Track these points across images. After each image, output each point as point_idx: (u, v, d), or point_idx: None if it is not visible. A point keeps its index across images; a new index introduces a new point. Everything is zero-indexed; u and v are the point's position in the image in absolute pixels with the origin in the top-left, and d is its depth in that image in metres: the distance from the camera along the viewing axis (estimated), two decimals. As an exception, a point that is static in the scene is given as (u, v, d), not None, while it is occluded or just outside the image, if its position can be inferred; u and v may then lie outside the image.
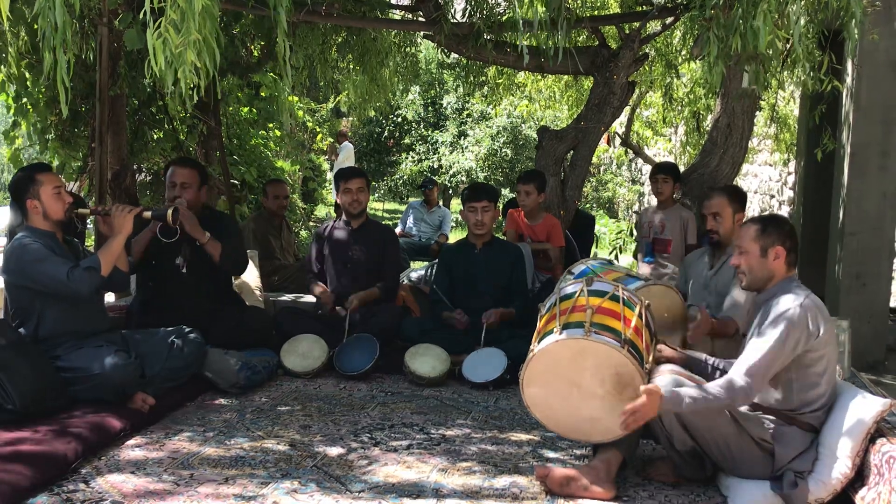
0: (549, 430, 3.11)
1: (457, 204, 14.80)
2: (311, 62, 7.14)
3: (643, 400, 2.74)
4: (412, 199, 11.10)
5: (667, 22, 6.08)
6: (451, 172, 14.50)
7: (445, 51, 6.50)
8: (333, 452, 3.32)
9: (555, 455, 3.37)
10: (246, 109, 9.14)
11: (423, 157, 15.64)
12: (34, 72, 6.01)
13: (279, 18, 3.11)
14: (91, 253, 3.97)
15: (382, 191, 16.13)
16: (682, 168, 6.98)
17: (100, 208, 3.99)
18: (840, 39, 4.62)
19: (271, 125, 10.00)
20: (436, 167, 15.08)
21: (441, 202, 11.25)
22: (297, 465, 3.17)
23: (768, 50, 3.60)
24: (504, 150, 14.15)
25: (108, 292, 4.51)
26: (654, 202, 5.84)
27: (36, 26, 2.79)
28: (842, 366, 3.90)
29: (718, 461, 2.97)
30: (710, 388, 2.82)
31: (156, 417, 3.66)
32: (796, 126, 8.17)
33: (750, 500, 2.82)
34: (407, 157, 15.86)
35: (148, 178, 7.78)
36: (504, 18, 5.71)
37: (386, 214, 15.55)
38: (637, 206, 13.91)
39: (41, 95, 6.31)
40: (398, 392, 4.25)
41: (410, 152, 15.99)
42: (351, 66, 7.59)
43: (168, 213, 3.91)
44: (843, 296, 5.61)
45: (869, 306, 5.61)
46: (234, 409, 3.90)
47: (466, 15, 5.81)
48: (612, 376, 2.89)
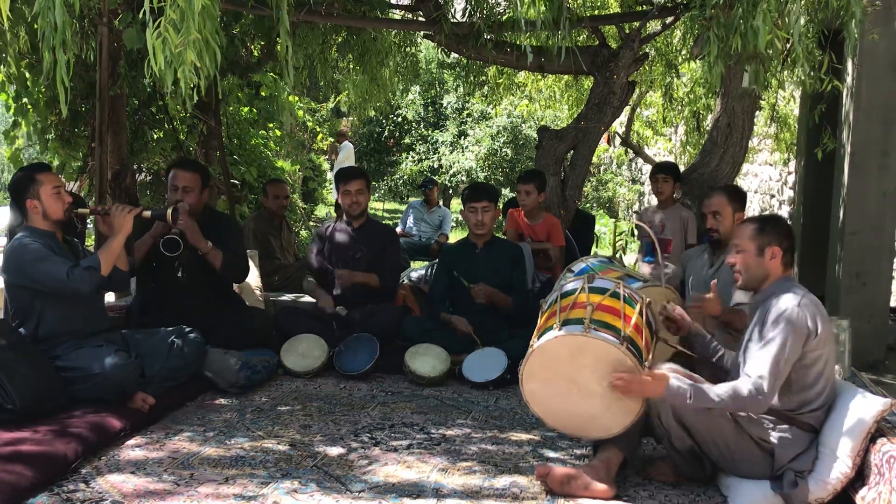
0: (548, 426, 3.11)
1: (457, 204, 14.80)
2: (311, 62, 7.14)
3: (646, 377, 2.75)
4: (412, 199, 11.10)
5: (667, 21, 6.08)
6: (452, 172, 14.50)
7: (445, 50, 6.50)
8: (333, 452, 3.32)
9: (555, 454, 3.38)
10: (246, 109, 9.14)
11: (424, 157, 15.64)
12: (34, 72, 6.01)
13: (281, 18, 3.10)
14: (91, 253, 3.98)
15: (382, 191, 16.12)
16: (682, 168, 6.98)
17: (99, 208, 3.99)
18: (840, 39, 4.62)
19: (271, 125, 10.00)
20: (436, 167, 15.08)
21: (441, 202, 11.24)
22: (298, 464, 3.17)
23: (768, 49, 3.60)
24: (504, 150, 14.14)
25: (108, 292, 4.51)
26: (655, 202, 5.84)
27: (36, 26, 2.78)
28: (842, 365, 3.89)
29: (717, 460, 2.96)
30: (716, 391, 2.80)
31: (156, 417, 3.66)
32: (796, 126, 8.17)
33: (750, 500, 2.82)
34: (407, 157, 15.85)
35: (148, 178, 7.78)
36: (504, 18, 5.70)
37: (386, 214, 15.54)
38: (637, 206, 13.90)
39: (41, 95, 6.30)
40: (398, 392, 4.25)
41: (410, 152, 15.98)
42: (351, 65, 7.58)
43: (168, 213, 3.91)
44: (844, 295, 5.60)
45: (869, 306, 5.60)
46: (234, 408, 3.90)
47: (466, 15, 5.81)
48: (611, 373, 2.89)
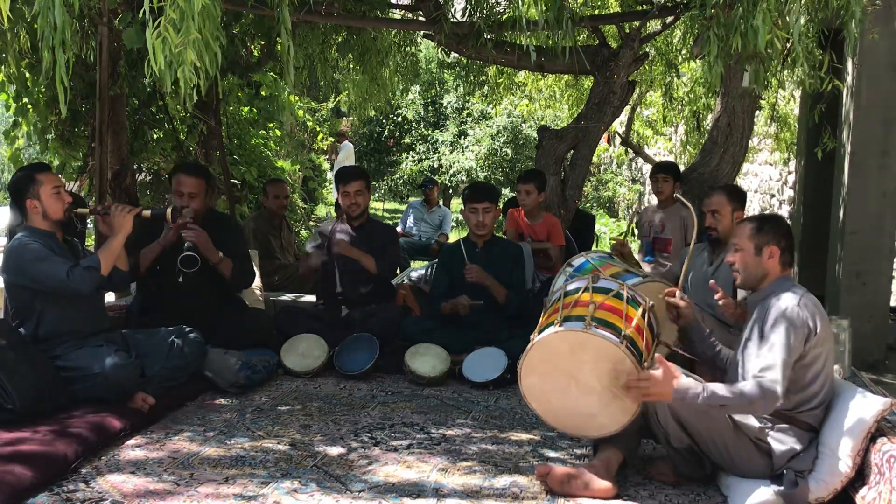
0: (546, 423, 3.10)
1: (457, 203, 14.80)
2: (311, 62, 7.14)
3: (656, 374, 2.74)
4: (412, 199, 11.09)
5: (667, 21, 6.08)
6: (452, 172, 14.50)
7: (445, 50, 6.50)
8: (334, 452, 3.32)
9: (555, 454, 3.37)
10: (246, 109, 9.14)
11: (424, 157, 15.63)
12: (34, 72, 6.01)
13: (283, 17, 3.10)
14: (91, 252, 3.98)
15: (383, 190, 16.12)
16: (682, 167, 6.98)
17: (99, 208, 3.99)
18: (840, 38, 4.62)
19: (271, 125, 10.00)
20: (436, 167, 15.07)
21: (441, 202, 11.24)
22: (298, 464, 3.17)
23: (768, 49, 3.60)
24: (504, 150, 14.14)
25: (108, 292, 4.51)
26: (655, 201, 5.84)
27: (36, 26, 2.78)
28: (842, 365, 3.89)
29: (716, 459, 2.96)
30: (723, 391, 2.77)
31: (156, 417, 3.66)
32: (796, 125, 8.17)
33: (750, 500, 2.81)
34: (407, 157, 15.85)
35: (148, 178, 7.77)
36: (504, 18, 5.70)
37: (386, 214, 15.54)
38: (637, 206, 13.90)
39: (41, 95, 6.30)
40: (398, 392, 4.25)
41: (410, 152, 15.98)
42: (351, 65, 7.58)
43: (168, 213, 3.91)
44: (844, 295, 5.60)
45: (869, 305, 5.60)
46: (234, 408, 3.90)
47: (466, 14, 5.80)
48: (609, 371, 2.88)
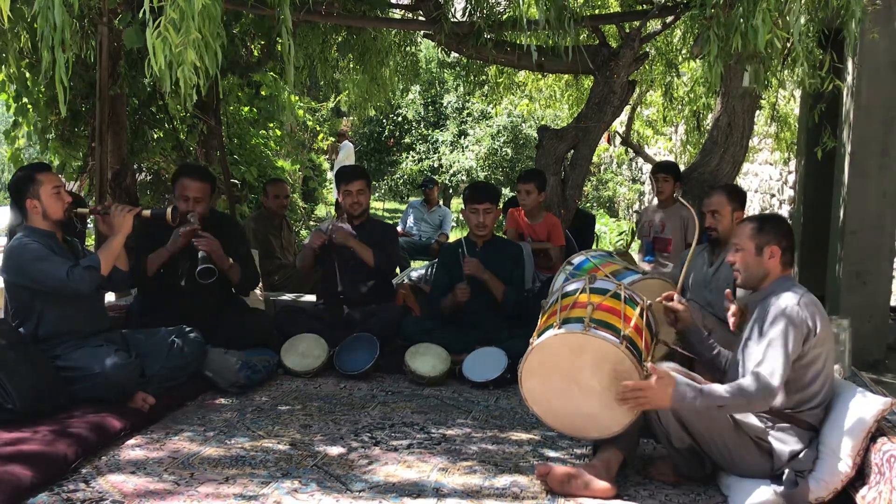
0: (547, 425, 3.11)
1: (457, 203, 14.79)
2: (312, 61, 7.14)
3: (650, 382, 2.74)
4: (412, 199, 11.09)
5: (667, 21, 6.08)
6: (452, 172, 14.50)
7: (446, 50, 6.50)
8: (334, 452, 3.32)
9: (555, 454, 3.37)
10: (246, 109, 9.14)
11: (424, 157, 15.64)
12: (34, 71, 6.01)
13: (284, 17, 3.09)
14: (91, 252, 3.98)
15: (383, 190, 16.12)
16: (682, 167, 6.98)
17: (99, 208, 3.99)
18: (840, 38, 4.62)
19: (272, 124, 10.00)
20: (436, 166, 15.07)
21: (441, 201, 11.23)
22: (298, 464, 3.17)
23: (768, 49, 3.60)
24: (504, 150, 14.14)
25: (108, 292, 4.51)
26: (655, 201, 5.84)
27: (36, 25, 2.78)
28: (842, 365, 3.89)
29: (717, 459, 2.96)
30: (721, 390, 2.78)
31: (156, 417, 3.66)
32: (797, 125, 8.17)
33: (750, 499, 2.81)
34: (407, 157, 15.85)
35: (148, 178, 7.77)
36: (504, 17, 5.70)
37: (386, 214, 15.54)
38: (637, 206, 13.90)
39: (41, 95, 6.30)
40: (398, 391, 4.25)
41: (411, 151, 15.98)
42: (351, 65, 7.58)
43: (168, 212, 3.91)
44: (844, 294, 5.60)
45: (869, 305, 5.60)
46: (234, 408, 3.90)
47: (466, 14, 5.80)
48: (610, 372, 2.88)
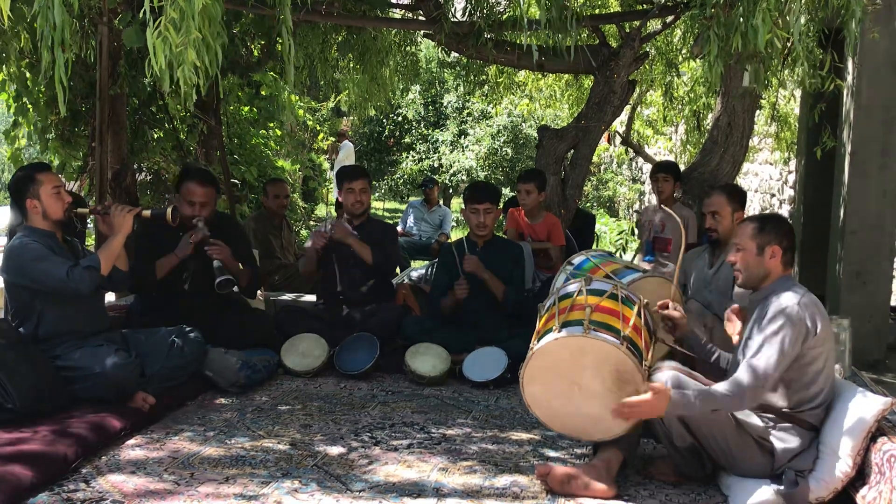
0: (550, 429, 3.11)
1: (457, 203, 14.79)
2: (312, 61, 7.14)
3: (647, 397, 2.74)
4: (412, 199, 11.09)
5: (667, 21, 6.08)
6: (452, 171, 14.50)
7: (446, 50, 6.50)
8: (334, 452, 3.32)
9: (555, 454, 3.37)
10: (246, 109, 9.15)
11: (424, 157, 15.64)
12: (34, 71, 6.01)
13: (284, 17, 3.09)
14: (91, 252, 3.98)
15: (383, 190, 16.12)
16: (682, 167, 6.98)
17: (99, 208, 3.99)
18: (841, 38, 4.62)
19: (272, 124, 10.01)
20: (436, 166, 15.07)
21: (441, 201, 11.23)
22: (298, 464, 3.17)
23: (768, 49, 3.60)
24: (504, 149, 14.14)
25: (108, 292, 4.51)
26: (655, 201, 5.84)
27: (36, 25, 2.78)
28: (842, 364, 3.89)
29: (718, 459, 2.96)
30: (716, 389, 2.80)
31: (156, 417, 3.66)
32: (797, 125, 8.17)
33: (751, 499, 2.81)
34: (407, 157, 15.85)
35: (148, 178, 7.78)
36: (504, 17, 5.70)
37: (386, 213, 15.54)
38: (637, 206, 13.90)
39: (41, 95, 6.31)
40: (399, 391, 4.25)
41: (411, 151, 15.98)
42: (351, 65, 7.59)
43: (168, 212, 3.90)
44: (844, 294, 5.60)
45: (869, 305, 5.60)
46: (234, 408, 3.90)
47: (466, 14, 5.80)
48: (612, 374, 2.89)
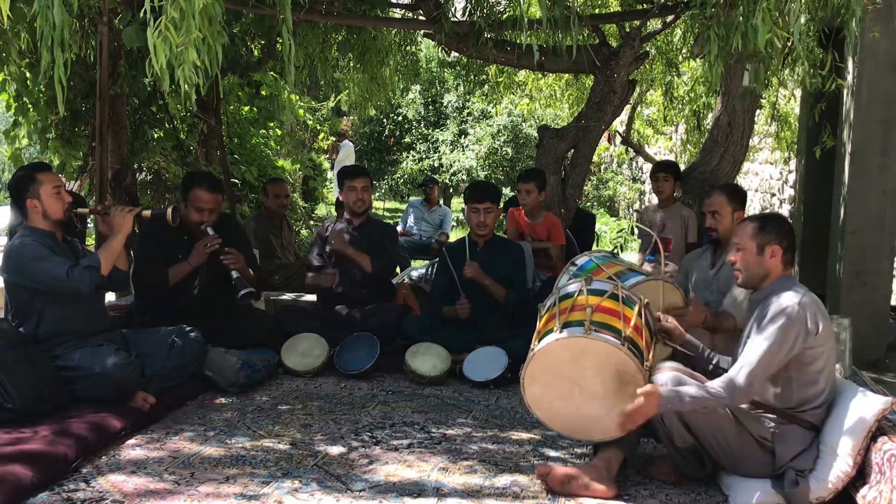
0: (551, 430, 3.11)
1: (458, 203, 14.79)
2: (312, 61, 7.14)
3: (640, 401, 2.75)
4: (413, 198, 11.09)
5: (667, 20, 6.08)
6: (452, 171, 14.50)
7: (446, 49, 6.50)
8: (334, 451, 3.32)
9: (556, 454, 3.37)
10: (246, 108, 9.15)
11: (424, 156, 15.64)
12: (34, 71, 6.01)
13: (284, 17, 3.09)
14: (91, 252, 3.98)
15: (383, 190, 16.12)
16: (682, 166, 6.98)
17: (99, 208, 3.98)
18: (841, 37, 4.62)
19: (272, 124, 10.01)
20: (436, 166, 15.07)
21: (442, 201, 11.24)
22: (298, 464, 3.17)
23: (768, 48, 3.60)
24: (505, 149, 14.14)
25: (108, 292, 4.51)
26: (655, 201, 5.84)
27: (36, 25, 2.78)
28: (843, 364, 3.89)
29: (719, 459, 2.96)
30: (710, 386, 2.82)
31: (156, 416, 3.66)
32: (797, 124, 8.17)
33: (751, 499, 2.82)
34: (407, 156, 15.85)
35: (148, 178, 7.78)
36: (504, 17, 5.70)
37: (387, 213, 15.55)
38: (638, 205, 13.90)
39: (41, 95, 6.31)
40: (399, 391, 4.25)
41: (411, 151, 15.98)
42: (351, 64, 7.59)
43: (168, 213, 3.90)
44: (844, 294, 5.60)
45: (870, 304, 5.60)
46: (234, 408, 3.90)
47: (467, 13, 5.81)
48: (613, 375, 2.89)
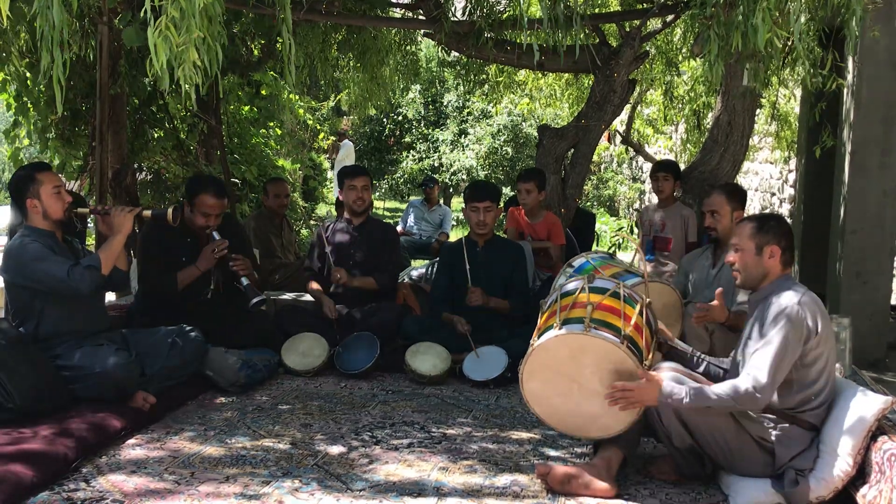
0: (548, 426, 3.11)
1: (458, 202, 14.79)
2: (312, 60, 7.15)
3: (641, 383, 2.74)
4: (413, 198, 11.09)
5: (667, 20, 6.08)
6: (452, 171, 14.50)
7: (446, 49, 6.51)
8: (334, 451, 3.32)
9: (556, 453, 3.37)
10: (246, 108, 9.15)
11: (424, 156, 15.64)
12: (34, 71, 6.02)
13: (284, 17, 3.09)
14: (91, 252, 3.98)
15: (383, 189, 16.12)
16: (682, 166, 6.98)
17: (99, 207, 3.99)
18: (841, 37, 4.62)
19: (272, 124, 10.01)
20: (436, 165, 15.07)
21: (442, 200, 11.24)
22: (299, 463, 3.17)
23: (768, 48, 3.60)
24: (505, 149, 14.14)
25: (109, 291, 4.51)
26: (655, 200, 5.84)
27: (36, 24, 2.78)
28: (843, 363, 3.89)
29: (718, 459, 2.96)
30: (714, 389, 2.81)
31: (156, 416, 3.66)
32: (797, 124, 8.17)
33: (751, 499, 2.82)
34: (408, 156, 15.85)
35: (148, 178, 7.78)
36: (504, 16, 5.70)
37: (387, 213, 15.55)
38: (638, 205, 13.90)
39: (41, 94, 6.31)
40: (399, 390, 4.25)
41: (411, 151, 15.98)
42: (351, 64, 7.59)
43: (168, 213, 3.90)
44: (844, 293, 5.60)
45: (870, 304, 5.60)
46: (234, 407, 3.90)
47: (467, 13, 5.81)
48: (612, 372, 2.89)
